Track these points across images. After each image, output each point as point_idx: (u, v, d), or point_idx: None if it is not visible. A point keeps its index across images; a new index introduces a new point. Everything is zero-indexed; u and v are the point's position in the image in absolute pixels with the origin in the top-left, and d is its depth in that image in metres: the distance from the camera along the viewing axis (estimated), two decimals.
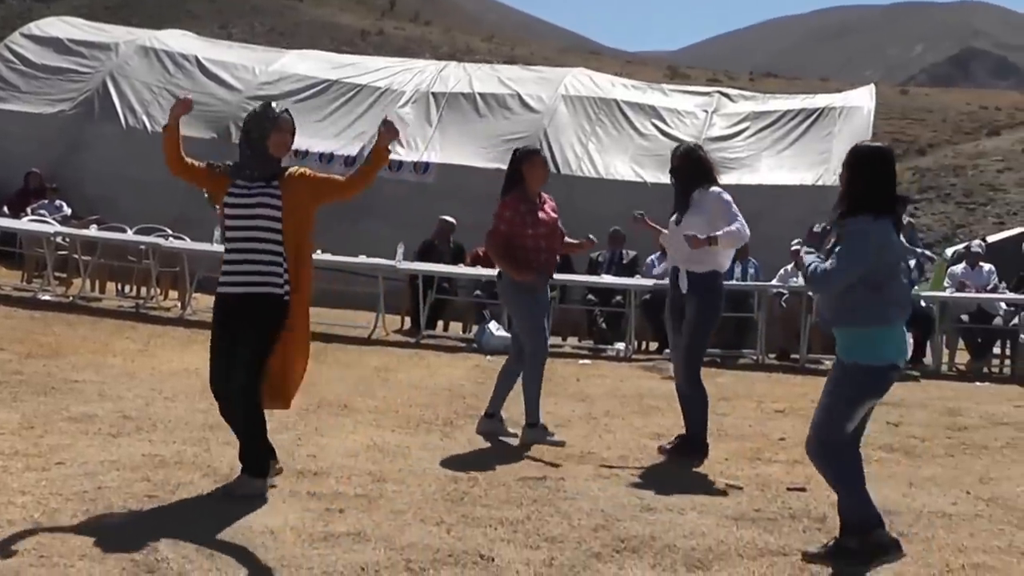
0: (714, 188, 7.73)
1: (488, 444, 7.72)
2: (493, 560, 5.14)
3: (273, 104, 6.15)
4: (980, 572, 5.34)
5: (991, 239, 24.33)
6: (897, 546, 5.33)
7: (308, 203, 6.06)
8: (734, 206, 7.70)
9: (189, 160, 6.09)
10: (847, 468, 5.37)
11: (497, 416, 8.06)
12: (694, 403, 7.68)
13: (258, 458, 6.01)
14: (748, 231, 7.67)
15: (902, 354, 5.41)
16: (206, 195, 6.25)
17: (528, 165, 7.93)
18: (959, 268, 14.55)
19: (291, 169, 6.07)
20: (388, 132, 6.16)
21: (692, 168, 7.79)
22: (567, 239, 8.28)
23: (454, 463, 7.00)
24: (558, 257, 8.56)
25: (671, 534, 5.68)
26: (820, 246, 5.43)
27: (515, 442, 7.78)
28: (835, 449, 5.35)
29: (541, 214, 7.93)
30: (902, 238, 5.81)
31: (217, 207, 6.16)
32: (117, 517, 5.38)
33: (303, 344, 6.25)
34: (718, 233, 7.54)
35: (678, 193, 7.81)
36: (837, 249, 5.28)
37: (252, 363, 5.89)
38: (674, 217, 7.81)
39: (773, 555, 5.45)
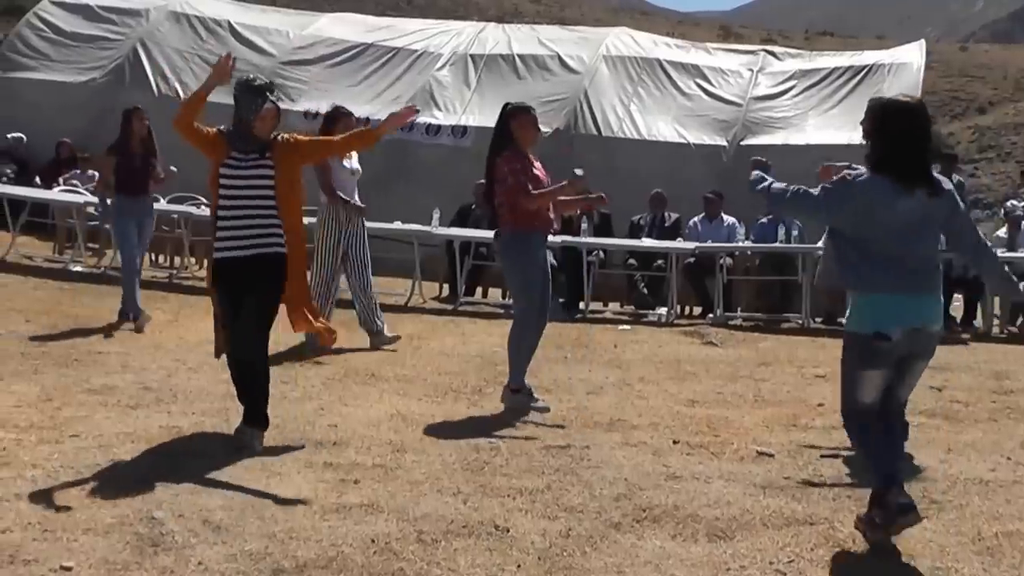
0: None
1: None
2: (508, 531, 4.99)
3: (257, 82, 6.34)
4: (1013, 540, 5.12)
5: None
6: (904, 510, 4.82)
7: (297, 166, 6.41)
8: None
9: (197, 124, 6.32)
10: (864, 438, 5.15)
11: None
12: None
13: (265, 411, 6.33)
14: None
15: (893, 322, 4.93)
16: None
17: (516, 124, 7.59)
18: (1002, 232, 14.13)
19: (281, 137, 6.35)
20: (405, 115, 6.64)
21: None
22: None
23: (478, 432, 6.82)
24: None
25: (695, 503, 5.50)
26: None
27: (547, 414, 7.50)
28: (851, 417, 5.19)
29: (535, 171, 7.61)
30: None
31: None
32: (127, 490, 5.28)
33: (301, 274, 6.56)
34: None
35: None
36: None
37: (266, 324, 6.28)
38: None
39: (799, 524, 5.26)
